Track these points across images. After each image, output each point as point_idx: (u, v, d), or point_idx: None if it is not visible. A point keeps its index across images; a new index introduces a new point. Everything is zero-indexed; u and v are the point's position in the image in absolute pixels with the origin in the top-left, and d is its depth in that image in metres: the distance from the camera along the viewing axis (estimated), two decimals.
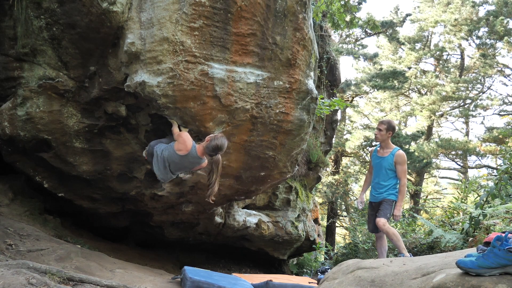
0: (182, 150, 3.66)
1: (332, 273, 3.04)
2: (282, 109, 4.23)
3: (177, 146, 3.67)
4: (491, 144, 17.30)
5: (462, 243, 5.21)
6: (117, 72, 3.88)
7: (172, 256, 7.09)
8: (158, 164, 3.75)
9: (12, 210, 4.75)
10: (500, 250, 1.83)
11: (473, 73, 19.71)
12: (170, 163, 3.74)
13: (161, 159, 3.73)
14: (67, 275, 2.97)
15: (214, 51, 3.69)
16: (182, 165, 3.77)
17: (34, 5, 3.63)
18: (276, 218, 7.50)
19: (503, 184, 5.30)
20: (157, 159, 3.75)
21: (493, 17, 16.64)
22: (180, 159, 3.69)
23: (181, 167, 3.81)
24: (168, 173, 3.84)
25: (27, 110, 4.11)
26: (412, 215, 9.91)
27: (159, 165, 3.76)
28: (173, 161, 3.71)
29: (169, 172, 3.82)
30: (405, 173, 4.57)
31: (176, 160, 3.70)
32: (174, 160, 3.70)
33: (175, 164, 3.75)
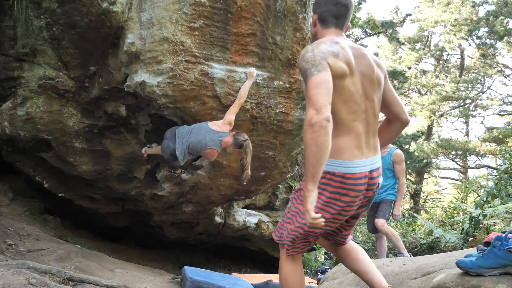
0: (218, 127, 3.63)
1: (332, 273, 3.05)
2: (282, 109, 4.23)
3: (217, 124, 3.64)
4: (491, 144, 17.31)
5: (462, 243, 5.21)
6: (117, 72, 3.88)
7: (172, 256, 7.09)
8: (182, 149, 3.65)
9: (12, 210, 4.75)
10: (500, 250, 1.83)
11: (473, 73, 19.73)
12: (194, 146, 3.64)
13: (185, 144, 3.64)
14: (67, 275, 2.97)
15: (214, 51, 3.69)
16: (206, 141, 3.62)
17: (34, 5, 3.63)
18: (276, 218, 7.49)
19: (503, 184, 5.31)
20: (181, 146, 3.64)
21: (493, 17, 16.66)
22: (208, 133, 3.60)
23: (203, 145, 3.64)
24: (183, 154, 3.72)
25: (27, 110, 4.11)
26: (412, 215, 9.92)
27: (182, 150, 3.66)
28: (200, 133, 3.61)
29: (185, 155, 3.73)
30: (403, 172, 4.56)
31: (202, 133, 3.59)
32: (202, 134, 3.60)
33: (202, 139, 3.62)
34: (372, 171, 1.86)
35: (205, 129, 3.65)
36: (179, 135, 3.71)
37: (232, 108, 3.75)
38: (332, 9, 1.90)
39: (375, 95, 1.89)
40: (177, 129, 3.80)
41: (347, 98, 1.78)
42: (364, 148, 1.84)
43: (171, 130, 3.86)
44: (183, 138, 3.68)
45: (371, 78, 1.87)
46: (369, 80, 1.86)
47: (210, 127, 3.66)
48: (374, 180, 1.89)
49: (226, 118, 3.73)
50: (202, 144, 3.63)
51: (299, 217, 1.93)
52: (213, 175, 4.77)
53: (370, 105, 1.87)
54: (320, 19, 1.95)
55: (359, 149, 1.82)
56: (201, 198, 5.37)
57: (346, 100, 1.78)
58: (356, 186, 1.81)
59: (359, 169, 1.80)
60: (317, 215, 1.63)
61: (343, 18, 1.93)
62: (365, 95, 1.85)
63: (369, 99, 1.87)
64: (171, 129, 3.90)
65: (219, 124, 3.69)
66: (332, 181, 1.81)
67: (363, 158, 1.82)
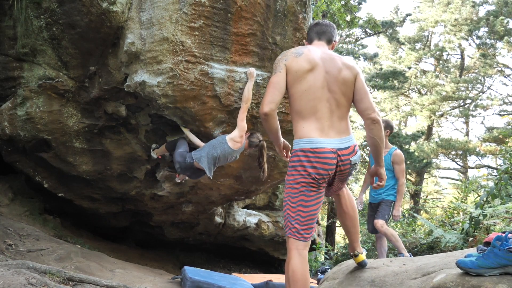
0: (239, 143, 3.81)
1: (332, 273, 3.04)
2: (282, 109, 4.23)
3: (236, 139, 3.79)
4: (491, 144, 17.30)
5: (462, 243, 5.20)
6: (117, 72, 3.87)
7: (172, 256, 7.09)
8: (209, 165, 3.81)
9: (12, 210, 4.75)
10: (500, 250, 1.83)
11: (473, 73, 19.72)
12: (220, 160, 3.86)
13: (211, 159, 3.80)
14: (67, 275, 2.97)
15: (214, 51, 3.69)
16: (228, 158, 3.91)
17: (34, 5, 3.63)
18: (276, 218, 7.49)
19: (503, 184, 5.30)
20: (207, 162, 3.80)
21: (493, 17, 16.65)
22: (230, 153, 3.84)
23: (225, 160, 3.92)
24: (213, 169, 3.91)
25: (27, 110, 4.11)
26: (412, 215, 9.91)
27: (209, 164, 3.82)
28: (224, 155, 3.83)
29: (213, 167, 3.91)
30: (403, 172, 4.55)
31: (226, 154, 3.81)
32: (226, 155, 3.82)
33: (224, 159, 3.87)
34: (341, 149, 2.22)
35: (226, 150, 3.79)
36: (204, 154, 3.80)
37: (240, 115, 3.79)
38: (314, 29, 2.53)
39: (338, 88, 2.26)
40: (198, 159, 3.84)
41: (306, 88, 2.22)
42: (327, 130, 2.22)
43: (183, 143, 4.03)
44: (208, 151, 3.81)
45: (335, 76, 2.26)
46: (333, 77, 2.26)
47: (230, 147, 3.79)
48: (345, 157, 2.23)
49: (239, 127, 3.79)
50: (226, 160, 3.92)
51: (290, 202, 2.23)
52: (213, 175, 4.77)
53: (332, 96, 2.25)
54: (308, 39, 2.56)
55: (322, 130, 2.21)
56: (201, 198, 5.37)
57: (305, 89, 2.22)
58: (324, 159, 2.17)
59: (322, 145, 2.17)
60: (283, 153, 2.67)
61: (324, 34, 2.49)
62: (327, 88, 2.25)
63: (331, 91, 2.25)
64: (182, 141, 4.06)
65: (237, 139, 3.79)
66: (302, 157, 2.18)
67: (326, 137, 2.20)
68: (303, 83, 2.22)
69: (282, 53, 2.35)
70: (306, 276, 2.15)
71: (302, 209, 2.20)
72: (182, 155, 3.89)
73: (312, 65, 2.23)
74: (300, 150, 2.20)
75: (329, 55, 2.33)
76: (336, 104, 2.26)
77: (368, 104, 2.29)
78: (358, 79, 2.32)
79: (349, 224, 2.59)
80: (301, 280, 2.12)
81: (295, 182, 2.21)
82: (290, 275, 2.14)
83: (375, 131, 2.27)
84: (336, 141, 2.21)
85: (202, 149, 3.87)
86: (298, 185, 2.19)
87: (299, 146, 2.22)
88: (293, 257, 2.18)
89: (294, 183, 2.21)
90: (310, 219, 2.22)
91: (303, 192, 2.19)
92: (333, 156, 2.18)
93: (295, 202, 2.21)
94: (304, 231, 2.21)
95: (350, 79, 2.28)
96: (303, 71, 2.22)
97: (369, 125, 2.28)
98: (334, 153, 2.18)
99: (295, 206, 2.21)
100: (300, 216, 2.20)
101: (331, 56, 2.33)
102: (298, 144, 2.23)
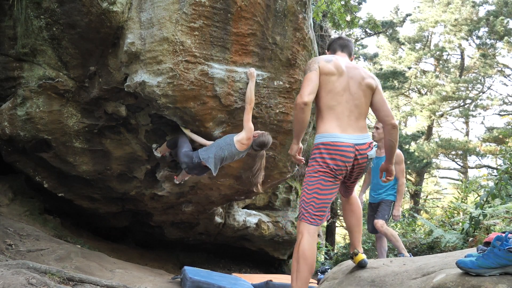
0: (245, 145, 3.87)
1: (332, 273, 3.04)
2: (282, 109, 4.23)
3: (243, 141, 3.84)
4: (491, 144, 17.29)
5: (462, 243, 5.20)
6: (117, 72, 3.87)
7: (172, 256, 7.09)
8: (215, 165, 3.89)
9: (12, 210, 4.75)
10: (500, 250, 1.83)
11: (473, 73, 19.71)
12: (226, 160, 3.95)
13: (218, 160, 3.87)
14: (67, 275, 2.97)
15: (214, 51, 3.69)
16: (234, 158, 4.00)
17: (34, 5, 3.63)
18: (276, 218, 7.49)
19: (503, 184, 5.30)
20: (214, 163, 3.87)
21: (493, 17, 16.65)
22: (237, 154, 3.93)
23: (231, 159, 4.01)
24: (217, 168, 3.98)
25: (27, 110, 4.11)
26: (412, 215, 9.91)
27: (215, 165, 3.90)
28: (231, 156, 3.92)
29: (219, 166, 3.98)
30: (403, 172, 4.55)
31: (233, 155, 3.91)
32: (233, 156, 3.92)
33: (230, 159, 3.97)
34: (358, 145, 2.46)
35: (233, 152, 3.87)
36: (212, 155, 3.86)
37: (245, 116, 3.82)
38: (338, 41, 2.85)
39: (358, 93, 2.54)
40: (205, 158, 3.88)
41: (330, 89, 2.50)
42: (347, 127, 2.48)
43: (185, 141, 4.04)
44: (216, 152, 3.86)
45: (358, 82, 2.55)
46: (356, 83, 2.55)
47: (237, 149, 3.85)
48: (362, 151, 2.47)
49: (246, 128, 3.82)
50: (233, 159, 4.02)
51: (307, 189, 2.46)
52: (213, 175, 4.77)
53: (352, 98, 2.53)
54: (330, 49, 2.86)
55: (341, 127, 2.47)
56: (201, 198, 5.37)
57: (330, 90, 2.50)
58: (343, 152, 2.41)
59: (341, 140, 2.43)
60: (299, 157, 2.71)
61: (346, 47, 2.82)
62: (349, 91, 2.53)
63: (352, 94, 2.53)
64: (183, 139, 4.05)
65: (244, 141, 3.83)
66: (322, 149, 2.43)
67: (345, 133, 2.45)
68: (330, 85, 2.50)
69: (313, 58, 2.64)
70: (314, 255, 2.42)
71: (317, 196, 2.43)
72: (188, 155, 3.91)
73: (339, 71, 2.53)
74: (321, 144, 2.45)
75: (353, 65, 2.65)
76: (355, 105, 2.53)
77: (388, 112, 2.58)
78: (378, 90, 2.61)
79: (354, 223, 2.78)
80: (310, 258, 2.36)
81: (313, 171, 2.45)
82: (300, 253, 2.37)
83: (394, 135, 2.56)
84: (353, 137, 2.47)
85: (210, 150, 3.89)
86: (316, 174, 2.44)
87: (320, 140, 2.47)
88: (304, 238, 2.40)
89: (313, 172, 2.46)
90: (323, 206, 2.46)
91: (319, 180, 2.42)
92: (351, 150, 2.43)
93: (311, 189, 2.44)
94: (317, 216, 2.44)
95: (371, 87, 2.58)
96: (332, 74, 2.51)
97: (389, 130, 2.56)
98: (352, 147, 2.44)
99: (310, 193, 2.45)
100: (314, 202, 2.43)
101: (355, 66, 2.65)
102: (319, 139, 2.48)
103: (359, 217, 2.79)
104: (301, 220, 2.46)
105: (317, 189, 2.43)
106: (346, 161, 2.42)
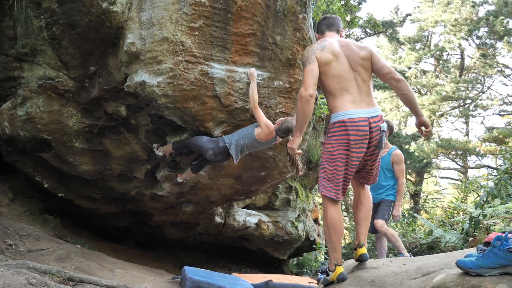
0: (265, 139, 3.93)
1: None
2: (282, 109, 4.23)
3: (261, 135, 3.90)
4: (491, 144, 17.29)
5: (462, 243, 5.21)
6: (117, 72, 3.87)
7: (172, 256, 7.09)
8: (237, 152, 4.00)
9: (12, 210, 4.75)
10: (500, 250, 1.83)
11: (473, 73, 19.71)
12: (247, 148, 4.03)
13: (239, 147, 3.98)
14: (67, 275, 2.97)
15: (214, 51, 3.69)
16: (256, 148, 4.09)
17: (34, 5, 3.63)
18: (276, 218, 7.49)
19: (503, 184, 5.30)
20: (235, 149, 3.97)
21: (493, 17, 16.65)
22: (259, 144, 4.01)
23: (253, 149, 4.11)
24: (239, 156, 4.09)
25: (27, 110, 4.11)
26: (412, 215, 9.91)
27: (237, 152, 4.00)
28: (252, 146, 4.00)
29: (240, 154, 4.10)
30: (403, 172, 4.54)
31: (254, 145, 4.00)
32: (253, 145, 4.00)
33: (252, 148, 4.06)
34: (371, 117, 2.57)
35: (253, 143, 3.96)
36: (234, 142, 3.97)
37: (256, 115, 3.87)
38: (323, 22, 2.93)
39: (360, 68, 2.66)
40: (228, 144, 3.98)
41: (334, 75, 2.62)
42: (360, 103, 2.59)
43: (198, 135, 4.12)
44: (237, 139, 3.96)
45: (354, 57, 2.66)
46: (354, 59, 2.66)
47: (258, 141, 3.94)
48: (375, 123, 2.57)
49: (261, 125, 3.85)
50: (255, 149, 4.12)
51: (329, 165, 2.60)
52: (213, 175, 4.77)
53: (358, 74, 2.65)
54: (319, 32, 2.94)
55: (354, 103, 2.58)
56: (201, 198, 5.37)
57: (334, 75, 2.62)
58: (358, 127, 2.52)
59: (356, 115, 2.54)
60: (298, 151, 2.85)
61: (332, 25, 2.90)
62: (352, 69, 2.65)
63: (356, 71, 2.65)
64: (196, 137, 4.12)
65: (262, 135, 3.90)
66: (341, 126, 2.54)
67: (358, 109, 2.57)
68: (332, 70, 2.61)
69: (308, 48, 2.71)
70: (342, 222, 2.64)
71: (338, 171, 2.58)
72: (213, 141, 4.00)
73: (335, 55, 2.63)
74: (338, 122, 2.56)
75: (344, 42, 2.74)
76: (362, 80, 2.65)
77: (388, 69, 2.67)
78: (373, 54, 2.71)
79: (363, 216, 2.84)
80: (338, 226, 2.59)
81: (333, 148, 2.58)
82: (328, 222, 2.60)
83: (403, 87, 2.62)
84: (367, 111, 2.59)
85: (233, 136, 4.01)
86: (337, 151, 2.56)
87: (337, 118, 2.58)
88: (329, 209, 2.61)
89: (332, 149, 2.59)
90: (345, 181, 2.62)
91: (338, 157, 2.56)
92: (366, 124, 2.54)
93: (333, 166, 2.59)
94: (339, 190, 2.61)
95: (367, 57, 2.69)
96: (330, 61, 2.61)
97: (395, 85, 2.64)
98: (366, 121, 2.55)
99: (332, 169, 2.60)
100: (335, 177, 2.59)
101: (346, 43, 2.75)
102: (336, 117, 2.59)
103: (369, 210, 2.86)
104: (325, 194, 2.61)
105: (336, 165, 2.56)
106: (363, 135, 2.53)
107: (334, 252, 2.63)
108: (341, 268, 2.62)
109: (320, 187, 2.66)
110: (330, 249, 2.65)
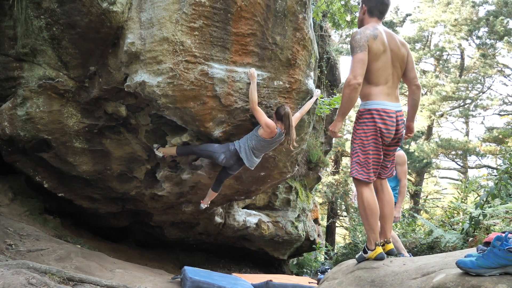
0: (269, 136, 3.97)
1: (332, 273, 3.04)
2: None
3: (263, 134, 3.97)
4: (491, 144, 17.27)
5: (462, 243, 5.20)
6: (117, 72, 3.88)
7: (172, 256, 7.09)
8: (247, 155, 4.09)
9: (12, 210, 4.75)
10: (500, 250, 1.83)
11: (473, 73, 19.69)
12: (257, 149, 4.09)
13: (249, 149, 4.07)
14: (67, 275, 2.97)
15: (214, 51, 3.69)
16: (266, 147, 4.13)
17: (34, 5, 3.63)
18: (276, 218, 7.50)
19: (503, 184, 5.29)
20: (245, 152, 4.08)
21: (493, 17, 16.63)
22: (268, 143, 4.05)
23: (264, 149, 4.16)
24: (253, 159, 4.17)
25: (27, 110, 4.11)
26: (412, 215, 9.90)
27: (247, 155, 4.09)
28: (262, 145, 4.06)
29: (253, 157, 4.16)
30: (405, 173, 4.51)
31: (262, 145, 4.05)
32: (262, 145, 4.05)
33: (262, 148, 4.11)
34: (397, 111, 2.78)
35: (259, 142, 4.01)
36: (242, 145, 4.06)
37: (256, 115, 3.90)
38: (379, 6, 2.87)
39: (398, 64, 2.83)
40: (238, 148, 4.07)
41: (380, 66, 2.74)
42: (392, 96, 2.79)
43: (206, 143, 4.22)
44: (245, 142, 4.06)
45: (397, 53, 2.81)
46: (396, 55, 2.81)
47: (263, 139, 3.98)
48: (400, 117, 2.79)
49: (262, 125, 3.89)
50: (266, 149, 4.18)
51: (361, 150, 2.75)
52: (213, 175, 4.77)
53: (395, 70, 2.83)
54: (369, 11, 2.89)
55: (388, 95, 2.77)
56: (201, 198, 5.36)
57: (380, 67, 2.74)
58: (390, 118, 2.72)
59: (389, 107, 2.74)
60: (338, 134, 2.86)
61: (384, 13, 2.92)
62: (392, 64, 2.80)
63: (394, 67, 2.82)
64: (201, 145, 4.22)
65: (265, 135, 3.96)
66: (375, 115, 2.71)
67: (390, 101, 2.76)
68: (379, 62, 2.73)
69: (360, 33, 2.73)
70: (377, 203, 2.77)
71: (370, 156, 2.74)
72: (222, 146, 4.09)
73: (384, 47, 2.74)
74: (374, 110, 2.72)
75: (389, 34, 2.84)
76: (396, 76, 2.84)
77: (415, 74, 2.91)
78: (409, 54, 2.88)
79: (387, 213, 2.93)
80: (374, 206, 2.73)
81: (366, 134, 2.74)
82: (365, 204, 2.73)
83: (418, 94, 2.92)
84: (395, 105, 2.80)
85: (241, 140, 4.10)
86: (369, 137, 2.72)
87: (372, 106, 2.73)
88: (363, 192, 2.75)
89: (365, 135, 2.74)
90: (376, 165, 2.78)
91: (371, 143, 2.72)
92: (394, 116, 2.75)
93: (366, 150, 2.74)
94: (372, 174, 2.76)
95: (405, 55, 2.86)
96: (380, 52, 2.72)
97: (414, 90, 2.92)
98: (394, 113, 2.75)
99: (365, 153, 2.74)
100: (367, 162, 2.74)
101: (391, 35, 2.85)
102: (371, 105, 2.74)
103: (392, 207, 2.95)
104: (358, 178, 2.75)
105: (370, 150, 2.72)
106: (392, 125, 2.72)
107: (372, 233, 2.74)
108: (381, 248, 2.75)
109: (353, 171, 2.80)
110: (369, 231, 2.75)
